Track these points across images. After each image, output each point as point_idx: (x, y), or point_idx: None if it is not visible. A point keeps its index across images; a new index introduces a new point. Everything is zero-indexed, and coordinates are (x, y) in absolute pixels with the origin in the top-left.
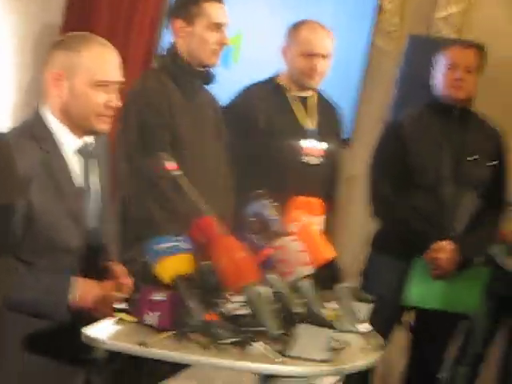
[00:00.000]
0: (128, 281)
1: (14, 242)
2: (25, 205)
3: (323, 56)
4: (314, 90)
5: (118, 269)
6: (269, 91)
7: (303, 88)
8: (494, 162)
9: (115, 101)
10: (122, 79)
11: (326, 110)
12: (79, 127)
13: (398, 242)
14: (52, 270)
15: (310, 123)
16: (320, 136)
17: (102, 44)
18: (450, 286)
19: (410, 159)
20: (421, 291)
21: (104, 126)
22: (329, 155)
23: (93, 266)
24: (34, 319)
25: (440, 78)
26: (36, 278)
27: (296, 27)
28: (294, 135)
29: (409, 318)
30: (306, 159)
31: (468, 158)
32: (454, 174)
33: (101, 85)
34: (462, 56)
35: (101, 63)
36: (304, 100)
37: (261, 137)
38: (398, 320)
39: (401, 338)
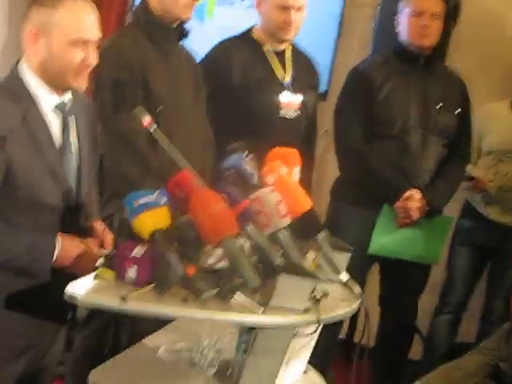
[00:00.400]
0: (109, 237)
1: None
2: (2, 161)
3: (297, 8)
4: (288, 42)
5: (99, 226)
6: (244, 45)
7: (278, 41)
8: (459, 111)
9: (92, 58)
10: (99, 36)
11: (302, 62)
12: (57, 84)
13: (364, 192)
14: (32, 228)
15: (286, 76)
16: (296, 89)
17: (77, 0)
18: (414, 235)
19: (376, 107)
20: (385, 240)
21: (81, 82)
22: (305, 108)
23: (73, 223)
24: (13, 277)
25: (405, 24)
26: (17, 234)
27: None
28: (270, 88)
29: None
30: (283, 112)
31: (436, 107)
32: (420, 121)
33: (77, 42)
34: (427, 2)
35: (77, 20)
36: (279, 53)
37: (237, 90)
38: (368, 267)
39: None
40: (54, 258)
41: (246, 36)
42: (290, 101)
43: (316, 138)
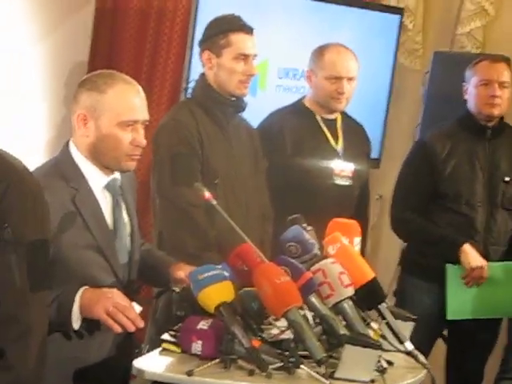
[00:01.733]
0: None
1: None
2: (53, 241)
3: (349, 79)
4: (339, 111)
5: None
6: (296, 115)
7: (329, 111)
8: None
9: (141, 139)
10: (147, 117)
11: (353, 130)
12: (107, 165)
13: (425, 262)
14: None
15: (338, 145)
16: (348, 157)
17: (126, 82)
18: (490, 289)
19: (442, 182)
20: (461, 302)
21: (131, 163)
22: (358, 176)
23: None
24: (67, 358)
25: (473, 94)
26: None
27: (320, 51)
28: (324, 157)
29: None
30: (337, 181)
31: (505, 179)
32: (486, 197)
33: (127, 124)
34: (495, 71)
35: (126, 103)
36: (331, 122)
37: (291, 159)
38: (435, 338)
39: (439, 354)
40: (77, 303)
41: (298, 105)
42: (342, 169)
43: (369, 205)
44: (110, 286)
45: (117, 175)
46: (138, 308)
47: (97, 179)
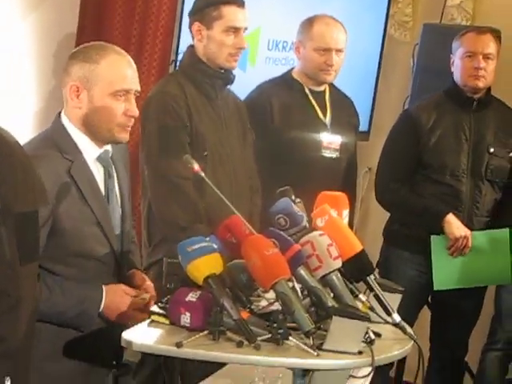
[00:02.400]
0: (151, 286)
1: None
2: (49, 213)
3: (337, 50)
4: (327, 83)
5: (140, 275)
6: (284, 86)
7: (318, 83)
8: None
9: (134, 109)
10: (138, 88)
11: (341, 102)
12: (100, 137)
13: (408, 232)
14: (79, 280)
15: (327, 117)
16: (336, 129)
17: (117, 53)
18: (475, 259)
19: (427, 152)
20: (447, 272)
21: (124, 134)
22: (346, 148)
23: (118, 273)
24: (59, 329)
25: (458, 65)
26: (64, 288)
27: (309, 22)
28: (313, 129)
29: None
30: (325, 153)
31: (489, 150)
32: (471, 168)
33: (119, 94)
34: (480, 43)
35: (118, 72)
36: (319, 94)
37: (279, 132)
38: (419, 308)
39: (424, 325)
40: (101, 310)
41: (286, 78)
42: (330, 141)
43: (356, 178)
44: (107, 260)
45: (108, 147)
46: (145, 295)
47: (90, 151)
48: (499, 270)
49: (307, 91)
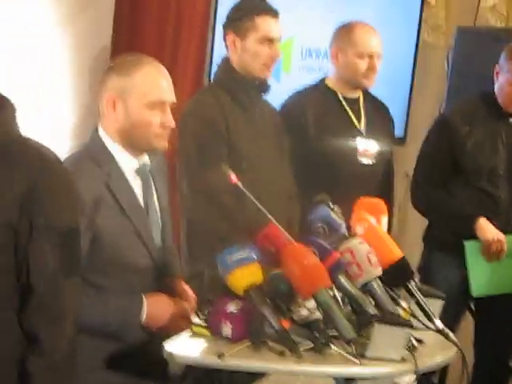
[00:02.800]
0: (192, 296)
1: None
2: (87, 226)
3: (378, 56)
4: (362, 90)
5: (181, 284)
6: (318, 94)
7: (354, 89)
8: None
9: (170, 120)
10: (174, 99)
11: (375, 109)
12: (138, 148)
13: (444, 237)
14: (120, 291)
15: (361, 124)
16: (371, 136)
17: (152, 65)
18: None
19: (461, 157)
20: (484, 278)
21: (162, 143)
22: (381, 155)
23: (159, 283)
24: (102, 340)
25: (503, 87)
26: (105, 300)
27: (348, 29)
28: (348, 136)
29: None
30: (361, 160)
31: None
32: (509, 173)
33: (155, 104)
34: None
35: (153, 84)
36: (353, 101)
37: (314, 140)
38: (462, 313)
39: (468, 331)
40: (142, 320)
41: (320, 86)
42: (365, 148)
43: (393, 184)
44: (147, 271)
45: (146, 160)
46: (187, 306)
47: (128, 163)
48: None
49: (341, 98)
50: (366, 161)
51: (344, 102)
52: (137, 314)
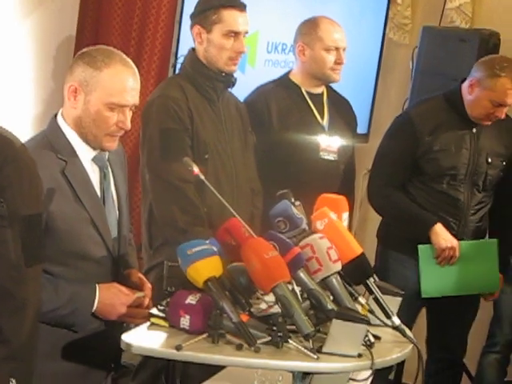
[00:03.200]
0: (148, 286)
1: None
2: (44, 214)
3: (344, 49)
4: (326, 85)
5: (137, 274)
6: (282, 89)
7: (319, 84)
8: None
9: (127, 123)
10: (137, 102)
11: (338, 104)
12: (87, 141)
13: (401, 236)
14: (73, 279)
15: (324, 119)
16: (334, 132)
17: (123, 64)
18: (463, 267)
19: (425, 159)
20: (434, 280)
21: (111, 143)
22: (344, 151)
23: (114, 273)
24: (58, 329)
25: (479, 103)
26: (57, 287)
27: (314, 24)
28: (310, 131)
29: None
30: (323, 155)
31: (488, 160)
32: (470, 176)
33: (115, 105)
34: (509, 95)
35: (118, 85)
36: (316, 96)
37: (277, 134)
38: (417, 311)
39: (422, 327)
40: (94, 308)
41: (284, 80)
42: (328, 144)
43: (354, 180)
44: (102, 260)
45: None
46: (140, 294)
47: (85, 151)
48: (486, 279)
49: (305, 93)
50: (328, 156)
51: (308, 97)
52: (88, 302)
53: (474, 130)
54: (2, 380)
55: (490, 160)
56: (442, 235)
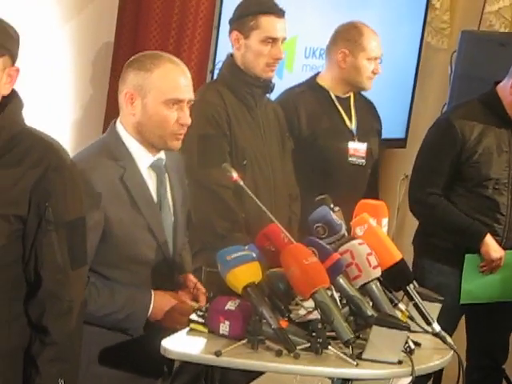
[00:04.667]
0: (202, 291)
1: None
2: (100, 218)
3: (380, 59)
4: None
5: (192, 280)
6: (311, 93)
7: (350, 90)
8: None
9: (187, 118)
10: (192, 97)
11: (364, 108)
12: (153, 144)
13: (445, 248)
14: (129, 283)
15: (352, 123)
16: (362, 136)
17: (172, 62)
18: (501, 275)
19: (468, 165)
20: (474, 287)
21: (176, 142)
22: (371, 155)
23: (169, 278)
24: (107, 332)
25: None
26: (113, 291)
27: (358, 32)
28: (339, 135)
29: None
30: (352, 160)
31: None
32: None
33: (172, 102)
34: None
35: (171, 81)
36: (344, 100)
37: (306, 139)
38: (457, 320)
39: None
40: (149, 313)
41: (312, 84)
42: (356, 148)
43: (378, 183)
44: (157, 265)
45: (162, 155)
46: (195, 305)
47: (143, 158)
48: None
49: (334, 98)
50: (356, 161)
51: (336, 102)
52: (144, 306)
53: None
54: (51, 381)
55: None
56: (492, 246)
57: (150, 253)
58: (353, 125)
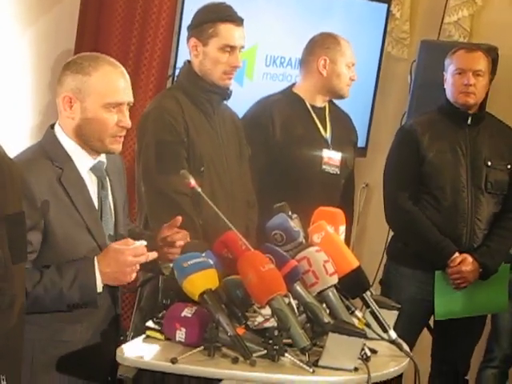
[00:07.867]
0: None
1: (32, 255)
2: (39, 218)
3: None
4: (328, 99)
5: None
6: (286, 102)
7: (326, 99)
8: (510, 166)
9: (127, 121)
10: (131, 99)
11: (340, 118)
12: (93, 148)
13: (416, 255)
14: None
15: (327, 133)
16: (336, 145)
17: (110, 64)
18: (474, 291)
19: (425, 168)
20: (448, 304)
21: (116, 145)
22: (345, 164)
23: None
24: (58, 338)
25: (449, 83)
26: (56, 268)
27: (335, 39)
28: (313, 144)
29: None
30: (326, 169)
31: (487, 163)
32: (471, 182)
33: (112, 105)
34: (470, 60)
35: (110, 85)
36: (319, 110)
37: (280, 147)
38: (422, 327)
39: (425, 343)
40: (99, 277)
41: (288, 93)
42: (330, 157)
43: (354, 193)
44: None
45: (102, 158)
46: (143, 242)
47: (83, 161)
48: (495, 300)
49: (309, 107)
50: (330, 170)
51: (311, 111)
52: (90, 271)
53: (468, 133)
54: None
55: (489, 163)
56: (462, 264)
57: (90, 254)
58: (327, 134)
